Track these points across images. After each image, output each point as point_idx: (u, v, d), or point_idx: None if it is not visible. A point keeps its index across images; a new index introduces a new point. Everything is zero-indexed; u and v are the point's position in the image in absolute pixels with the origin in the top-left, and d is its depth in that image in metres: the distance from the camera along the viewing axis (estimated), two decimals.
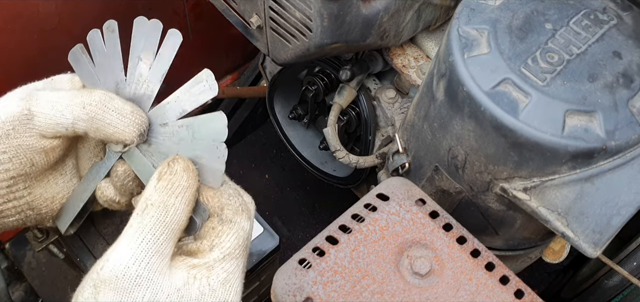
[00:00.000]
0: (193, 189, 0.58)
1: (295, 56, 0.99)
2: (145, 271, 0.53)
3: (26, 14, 1.20)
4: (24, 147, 0.61)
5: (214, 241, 0.57)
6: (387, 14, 0.94)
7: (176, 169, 0.57)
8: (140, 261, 0.53)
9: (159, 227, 0.54)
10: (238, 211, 0.59)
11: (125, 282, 0.52)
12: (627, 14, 0.82)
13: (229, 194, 0.60)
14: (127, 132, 0.61)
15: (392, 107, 1.15)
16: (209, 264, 0.56)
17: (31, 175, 0.64)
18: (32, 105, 0.61)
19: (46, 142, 0.62)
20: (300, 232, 1.65)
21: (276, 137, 1.45)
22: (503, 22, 0.79)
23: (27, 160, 0.62)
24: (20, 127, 0.60)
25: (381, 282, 0.64)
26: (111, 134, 0.61)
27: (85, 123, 0.61)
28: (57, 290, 1.01)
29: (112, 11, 1.33)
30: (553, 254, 0.97)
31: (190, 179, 0.58)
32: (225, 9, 1.09)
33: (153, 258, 0.53)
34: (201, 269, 0.56)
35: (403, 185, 0.73)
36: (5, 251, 1.06)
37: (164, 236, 0.54)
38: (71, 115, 0.61)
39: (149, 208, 0.55)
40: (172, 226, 0.55)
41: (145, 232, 0.54)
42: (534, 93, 0.72)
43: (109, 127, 0.61)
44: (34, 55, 1.24)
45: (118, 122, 0.61)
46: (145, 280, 0.53)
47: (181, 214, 0.56)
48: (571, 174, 0.74)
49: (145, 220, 0.54)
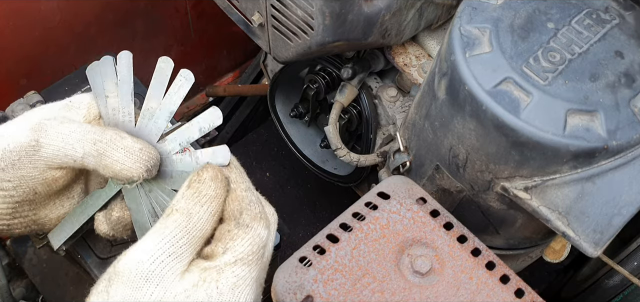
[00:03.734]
0: (220, 199, 0.58)
1: (296, 54, 0.99)
2: (158, 269, 0.54)
3: (28, 12, 1.20)
4: (27, 177, 0.63)
5: (228, 244, 0.57)
6: (389, 12, 0.94)
7: (205, 177, 0.58)
8: (154, 259, 0.54)
9: (179, 231, 0.55)
10: (256, 218, 0.59)
11: (137, 277, 0.53)
12: (629, 14, 0.81)
13: (250, 200, 0.60)
14: (134, 168, 0.63)
15: (394, 105, 1.15)
16: (220, 267, 0.56)
17: (35, 201, 0.66)
18: (40, 137, 0.62)
19: (49, 174, 0.64)
20: (301, 231, 1.65)
21: (277, 135, 1.45)
22: (505, 21, 0.79)
23: (30, 189, 0.64)
24: (26, 158, 0.62)
25: (382, 281, 0.64)
26: (119, 171, 0.63)
27: (95, 159, 0.63)
28: (58, 287, 1.01)
29: (114, 9, 1.33)
30: (554, 254, 0.97)
31: (218, 188, 0.58)
32: (227, 7, 1.09)
33: (168, 258, 0.54)
34: (211, 272, 0.56)
35: (404, 184, 0.73)
36: (6, 248, 1.06)
37: (184, 240, 0.55)
38: (82, 150, 0.62)
39: (174, 213, 0.56)
40: (193, 233, 0.56)
41: (166, 234, 0.55)
42: (536, 92, 0.72)
43: (117, 165, 0.62)
44: (36, 52, 1.24)
45: (126, 159, 0.63)
46: (157, 277, 0.53)
47: (205, 223, 0.57)
48: (572, 173, 0.74)
49: (168, 223, 0.55)
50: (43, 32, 1.23)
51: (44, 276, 1.02)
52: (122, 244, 0.83)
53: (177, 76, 0.66)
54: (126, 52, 0.67)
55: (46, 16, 1.23)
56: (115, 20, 1.34)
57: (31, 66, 1.25)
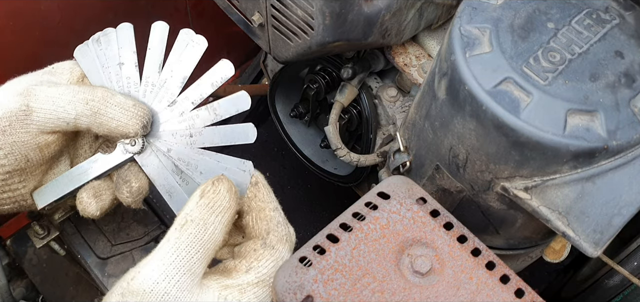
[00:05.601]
0: (232, 211, 0.58)
1: (296, 54, 0.99)
2: (174, 289, 0.53)
3: (28, 10, 1.20)
4: (19, 143, 0.61)
5: (253, 263, 0.57)
6: (389, 12, 0.94)
7: (220, 189, 0.57)
8: (170, 278, 0.52)
9: (195, 245, 0.54)
10: (282, 240, 0.59)
11: (152, 297, 0.52)
12: (629, 14, 0.81)
13: (277, 222, 0.60)
14: (131, 124, 0.62)
15: (394, 105, 1.15)
16: (242, 286, 0.56)
17: (26, 170, 0.64)
18: (30, 101, 0.61)
19: (42, 139, 0.62)
20: (301, 231, 1.64)
21: (277, 135, 1.45)
22: (505, 21, 0.79)
23: (22, 156, 0.62)
24: (17, 123, 0.61)
25: (382, 281, 0.64)
26: (115, 128, 0.62)
27: (88, 119, 0.61)
28: (58, 286, 1.01)
29: (114, 7, 1.33)
30: (554, 254, 0.97)
31: (232, 200, 0.57)
32: (227, 7, 1.09)
33: (183, 276, 0.53)
34: (233, 290, 0.55)
35: (404, 183, 0.73)
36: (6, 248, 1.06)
37: (199, 254, 0.54)
38: (74, 111, 0.61)
39: (188, 224, 0.55)
40: (208, 245, 0.55)
41: (181, 249, 0.54)
42: (536, 92, 0.72)
43: (112, 122, 0.61)
44: (36, 51, 1.24)
45: (121, 116, 0.61)
46: (173, 298, 0.52)
47: (219, 234, 0.56)
48: (572, 173, 0.74)
49: (183, 236, 0.54)
50: (43, 31, 1.23)
51: (44, 276, 1.02)
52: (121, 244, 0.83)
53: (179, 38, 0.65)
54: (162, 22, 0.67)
55: (46, 16, 1.23)
56: (115, 20, 1.34)
57: (31, 66, 1.25)
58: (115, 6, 1.33)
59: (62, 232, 1.07)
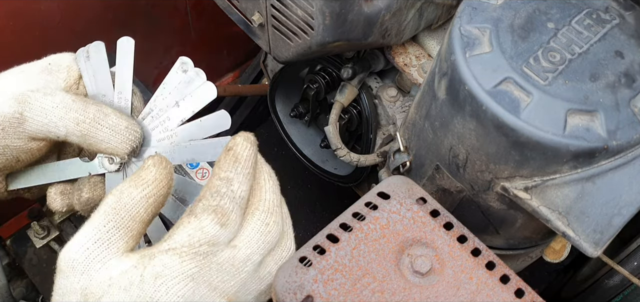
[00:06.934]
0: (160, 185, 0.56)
1: (296, 54, 0.99)
2: (82, 257, 0.52)
3: (28, 10, 1.20)
4: (11, 147, 0.63)
5: (173, 231, 0.54)
6: (389, 12, 0.94)
7: (148, 164, 0.57)
8: (80, 247, 0.53)
9: (108, 214, 0.54)
10: (208, 209, 0.55)
11: (66, 267, 0.53)
12: (629, 14, 0.81)
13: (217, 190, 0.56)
14: (120, 148, 0.62)
15: (394, 105, 1.15)
16: (153, 253, 0.53)
17: (16, 168, 0.66)
18: (25, 110, 0.61)
19: (34, 144, 0.64)
20: (301, 231, 1.64)
21: (277, 135, 1.45)
22: (505, 21, 0.79)
23: (13, 157, 0.64)
24: (10, 128, 0.62)
25: (382, 281, 0.64)
26: (104, 149, 0.63)
27: (78, 139, 0.62)
28: None
29: (114, 8, 1.33)
30: (554, 254, 0.97)
31: (158, 173, 0.56)
32: (227, 7, 1.09)
33: (94, 245, 0.53)
34: (145, 258, 0.53)
35: (404, 183, 0.73)
36: (6, 248, 1.06)
37: (111, 224, 0.53)
38: (64, 129, 0.62)
39: (107, 196, 0.55)
40: (122, 214, 0.54)
41: (94, 219, 0.54)
42: (536, 92, 0.72)
43: (102, 144, 0.62)
44: (36, 52, 1.24)
45: (111, 138, 0.62)
46: (81, 265, 0.52)
47: (136, 205, 0.54)
48: (572, 173, 0.74)
49: (100, 207, 0.54)
50: (43, 32, 1.23)
51: (44, 276, 1.02)
52: None
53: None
54: (127, 38, 0.67)
55: (46, 16, 1.23)
56: (115, 20, 1.34)
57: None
58: (115, 6, 1.33)
59: (62, 232, 1.08)
